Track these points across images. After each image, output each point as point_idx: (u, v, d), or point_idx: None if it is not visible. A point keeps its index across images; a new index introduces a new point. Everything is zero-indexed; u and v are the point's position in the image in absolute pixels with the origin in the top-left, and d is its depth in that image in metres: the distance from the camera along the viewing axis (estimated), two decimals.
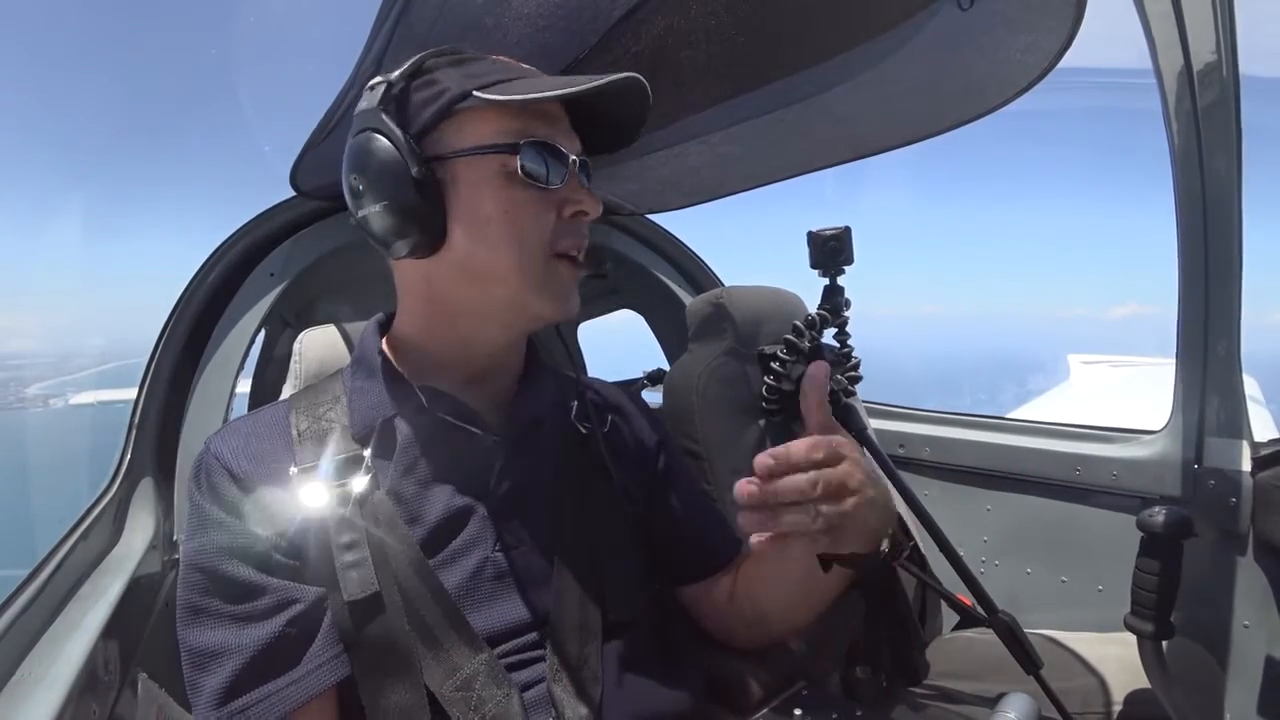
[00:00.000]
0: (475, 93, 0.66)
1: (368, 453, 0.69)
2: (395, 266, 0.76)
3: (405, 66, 0.70)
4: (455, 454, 0.72)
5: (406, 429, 0.71)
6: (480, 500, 0.71)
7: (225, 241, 1.39)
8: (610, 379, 0.98)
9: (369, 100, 0.69)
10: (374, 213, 0.69)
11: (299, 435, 0.70)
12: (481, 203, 0.68)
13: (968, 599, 1.15)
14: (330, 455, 0.69)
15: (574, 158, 0.70)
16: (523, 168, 0.67)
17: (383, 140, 0.67)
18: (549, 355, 0.86)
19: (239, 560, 0.64)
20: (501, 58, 0.74)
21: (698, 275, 1.93)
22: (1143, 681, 1.02)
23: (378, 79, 0.70)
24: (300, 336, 0.95)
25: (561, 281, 0.71)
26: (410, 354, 0.76)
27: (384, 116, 0.67)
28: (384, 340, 0.79)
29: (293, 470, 0.67)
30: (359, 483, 0.67)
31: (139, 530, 1.20)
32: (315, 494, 0.66)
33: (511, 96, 0.65)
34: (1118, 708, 1.08)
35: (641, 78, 0.68)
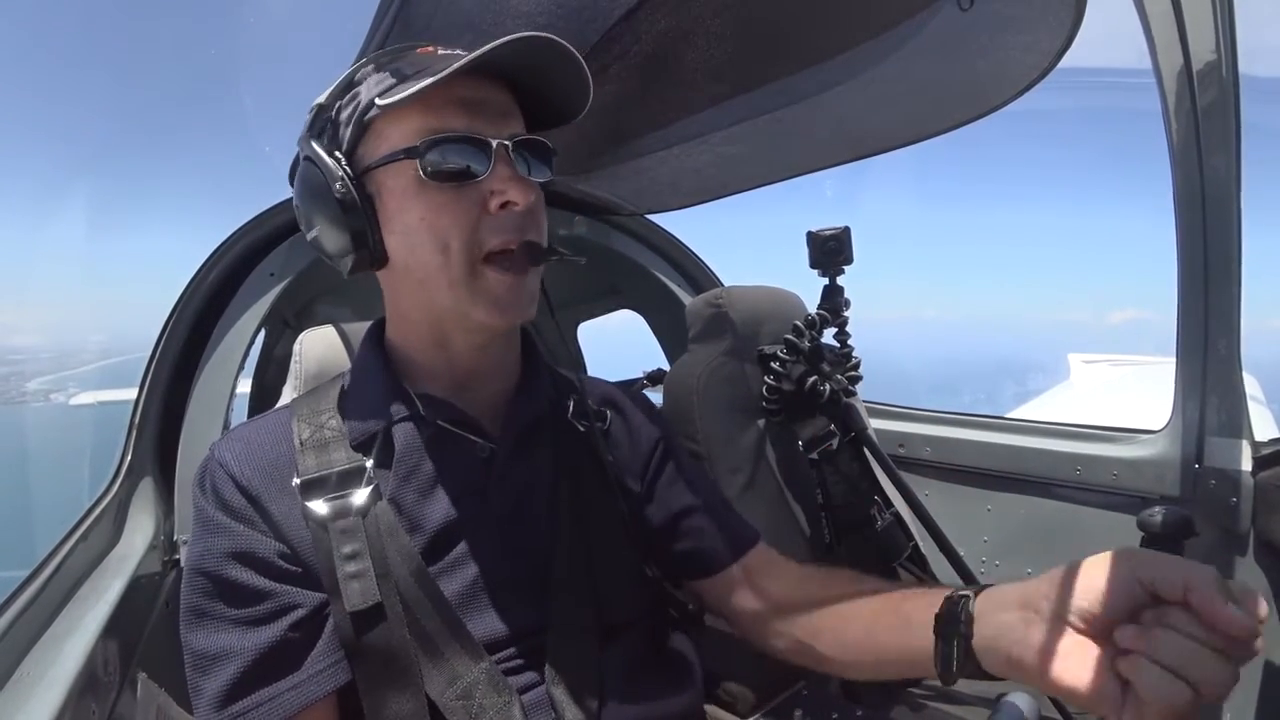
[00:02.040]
0: (376, 100, 0.65)
1: (369, 463, 0.69)
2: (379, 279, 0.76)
3: (336, 84, 0.70)
4: (454, 461, 0.72)
5: (405, 437, 0.71)
6: (479, 507, 0.71)
7: (225, 242, 1.39)
8: (610, 379, 0.98)
9: (304, 126, 0.71)
10: (313, 236, 0.72)
11: (301, 444, 0.70)
12: (403, 211, 0.67)
13: None
14: (331, 465, 0.68)
15: (498, 143, 0.66)
16: (425, 169, 0.65)
17: (310, 164, 0.69)
18: (550, 354, 0.86)
19: (243, 565, 0.64)
20: (429, 48, 0.72)
21: (698, 275, 1.93)
22: None
23: (318, 100, 0.71)
24: (300, 337, 0.95)
25: (495, 293, 0.68)
26: (402, 360, 0.76)
27: (311, 142, 0.69)
28: (380, 346, 0.79)
29: (295, 481, 0.67)
30: (360, 493, 0.67)
31: (139, 530, 1.20)
32: (317, 505, 0.66)
33: (399, 96, 0.63)
34: None
35: (537, 34, 0.63)
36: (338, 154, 0.68)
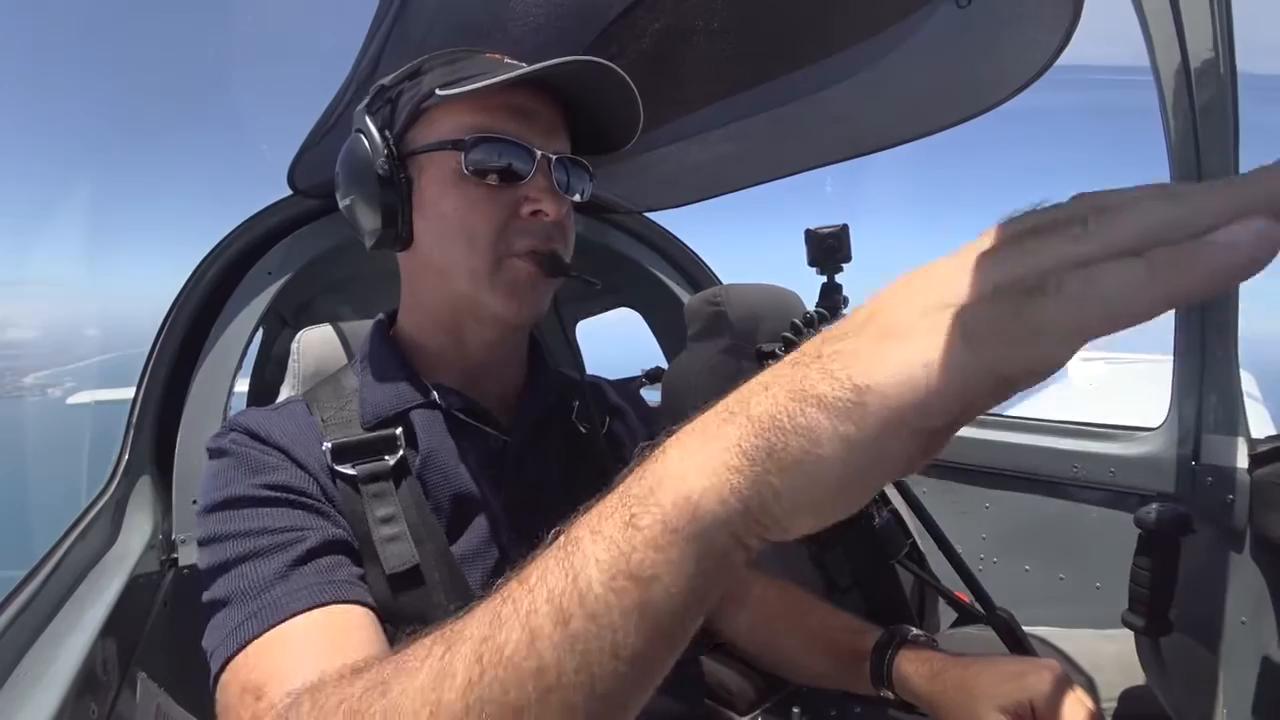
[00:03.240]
0: (437, 90, 0.67)
1: (399, 430, 0.69)
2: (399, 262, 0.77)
3: (405, 68, 0.72)
4: (469, 450, 0.72)
5: (423, 422, 0.71)
6: (493, 499, 0.71)
7: (223, 240, 1.38)
8: (609, 377, 0.98)
9: (364, 100, 0.72)
10: (346, 204, 0.74)
11: (324, 422, 0.70)
12: (439, 199, 0.69)
13: (966, 596, 1.15)
14: (361, 435, 0.68)
15: (543, 154, 0.68)
16: (468, 165, 0.66)
17: (361, 137, 0.70)
18: (551, 355, 0.86)
19: (290, 491, 0.62)
20: (496, 55, 0.74)
21: (696, 273, 1.93)
22: (1140, 678, 1.02)
23: (382, 81, 0.72)
24: (298, 336, 0.94)
25: (515, 281, 0.69)
26: (413, 351, 0.76)
27: (366, 116, 0.71)
28: (390, 337, 0.79)
29: (326, 444, 0.66)
30: (392, 458, 0.67)
31: (137, 530, 1.20)
32: (348, 469, 0.65)
33: (460, 90, 0.65)
34: (1115, 704, 1.08)
35: (602, 61, 0.66)
36: (387, 133, 0.70)
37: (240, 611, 0.54)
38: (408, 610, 0.63)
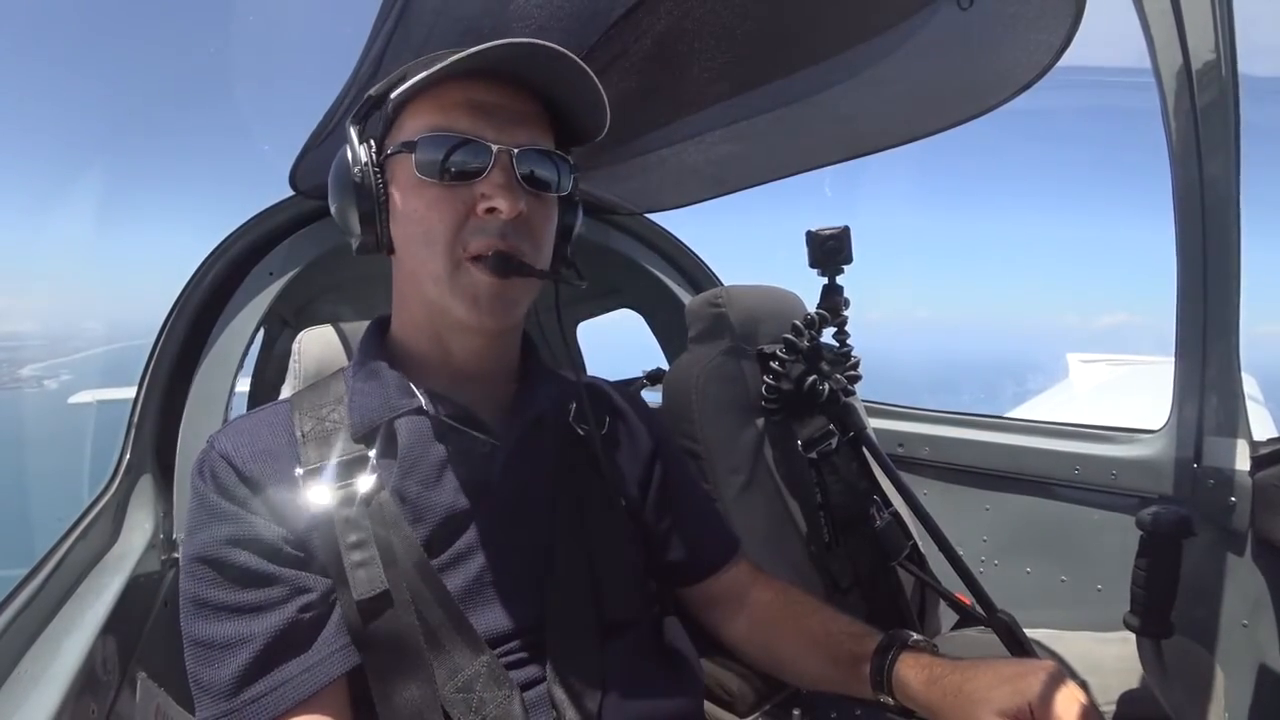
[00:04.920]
0: (390, 95, 0.68)
1: (372, 453, 0.69)
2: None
3: (392, 75, 0.72)
4: (456, 456, 0.72)
5: (409, 430, 0.71)
6: (481, 502, 0.71)
7: (224, 240, 1.39)
8: (610, 378, 0.98)
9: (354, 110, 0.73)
10: (335, 209, 0.75)
11: (303, 437, 0.70)
12: (405, 202, 0.69)
13: (967, 598, 1.15)
14: (335, 456, 0.69)
15: (500, 149, 0.67)
16: (416, 164, 0.67)
17: (345, 145, 0.71)
18: (550, 356, 0.86)
19: (248, 550, 0.63)
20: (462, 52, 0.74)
21: (697, 275, 1.93)
22: (1141, 680, 1.02)
23: (369, 90, 0.73)
24: (299, 336, 0.95)
25: (473, 290, 0.68)
26: (404, 355, 0.77)
27: (348, 125, 0.71)
28: (383, 341, 0.79)
29: (298, 471, 0.67)
30: (364, 482, 0.67)
31: (138, 529, 1.20)
32: (321, 495, 0.66)
33: (402, 87, 0.65)
34: (1115, 706, 1.08)
35: (538, 41, 0.64)
36: (371, 140, 0.70)
37: (207, 711, 0.61)
38: (379, 634, 0.63)
